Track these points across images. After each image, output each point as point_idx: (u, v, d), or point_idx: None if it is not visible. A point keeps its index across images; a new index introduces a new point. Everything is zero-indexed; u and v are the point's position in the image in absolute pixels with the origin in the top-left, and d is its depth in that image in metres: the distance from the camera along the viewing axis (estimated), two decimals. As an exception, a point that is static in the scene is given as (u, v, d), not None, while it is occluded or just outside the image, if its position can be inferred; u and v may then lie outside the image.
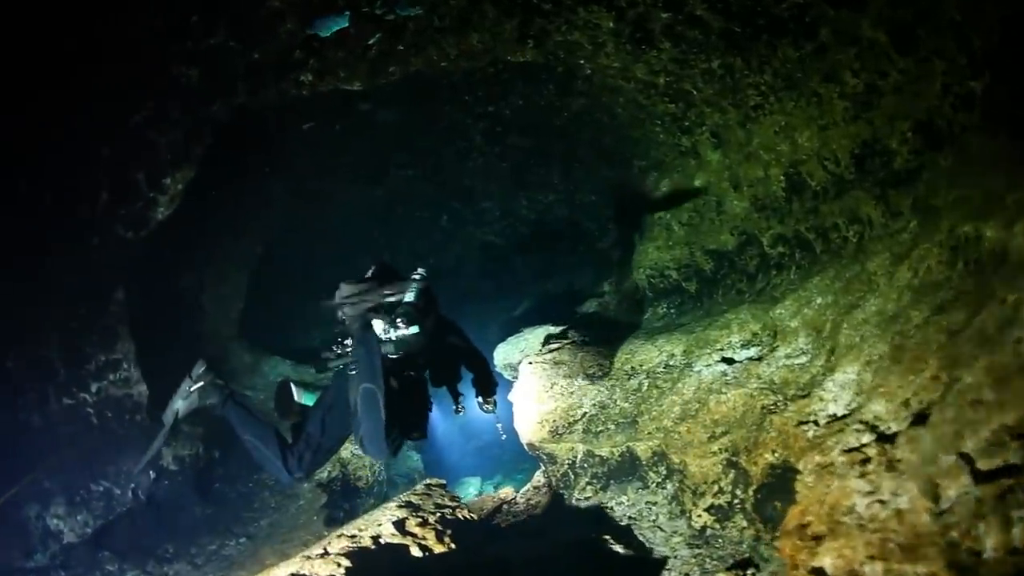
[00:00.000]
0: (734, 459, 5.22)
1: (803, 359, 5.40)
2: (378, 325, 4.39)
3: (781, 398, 5.19)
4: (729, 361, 6.02)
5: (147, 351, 7.91)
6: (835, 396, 4.64)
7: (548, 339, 8.96)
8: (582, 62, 7.02)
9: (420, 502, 5.98)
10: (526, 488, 8.50)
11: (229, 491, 8.26)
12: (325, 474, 8.42)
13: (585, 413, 6.94)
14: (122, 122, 6.47)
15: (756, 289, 6.84)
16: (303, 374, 10.45)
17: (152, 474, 7.62)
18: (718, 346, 6.28)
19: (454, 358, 5.13)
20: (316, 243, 11.55)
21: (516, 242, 11.95)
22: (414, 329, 4.35)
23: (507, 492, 8.31)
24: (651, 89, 7.01)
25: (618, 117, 8.06)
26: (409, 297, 4.46)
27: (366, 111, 9.24)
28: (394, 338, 4.36)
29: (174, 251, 8.67)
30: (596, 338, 8.46)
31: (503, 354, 9.56)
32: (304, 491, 8.14)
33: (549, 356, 8.32)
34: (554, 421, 7.05)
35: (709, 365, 6.13)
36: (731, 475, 5.23)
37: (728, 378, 5.75)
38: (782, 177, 6.43)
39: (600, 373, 7.36)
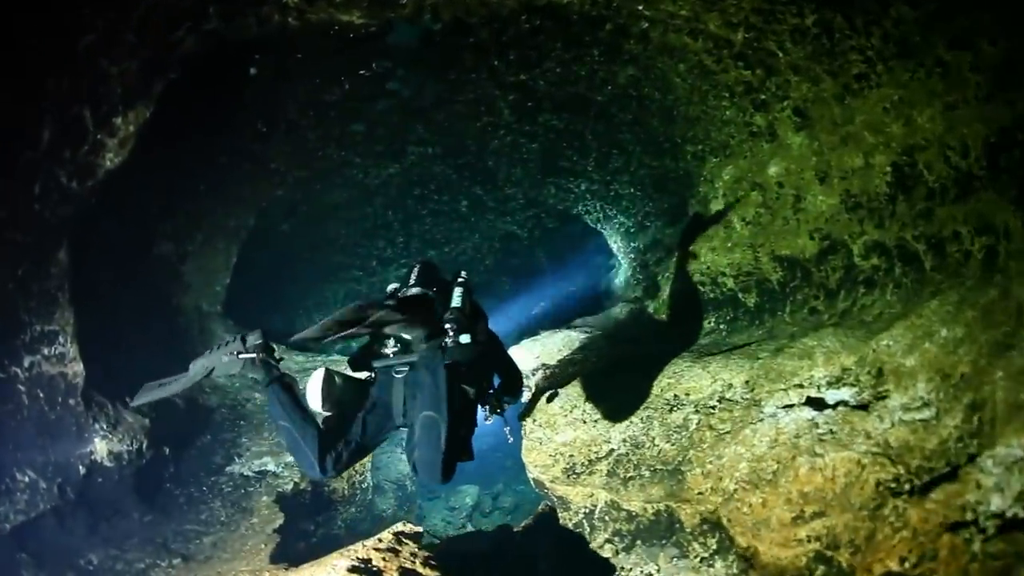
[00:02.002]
0: (828, 554, 3.48)
1: (927, 413, 3.67)
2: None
3: (903, 471, 3.47)
4: (818, 405, 4.25)
5: (95, 324, 6.36)
6: (999, 482, 2.93)
7: (569, 346, 7.27)
8: (640, 7, 5.28)
9: (382, 564, 4.20)
10: (527, 522, 6.83)
11: (178, 494, 6.63)
12: (290, 485, 6.78)
13: (612, 450, 5.22)
14: (70, 45, 4.93)
15: (838, 310, 5.09)
16: (289, 361, 8.82)
17: (82, 470, 6.12)
18: (796, 381, 4.51)
19: (493, 369, 4.57)
20: (324, 221, 10.02)
21: (540, 235, 10.25)
22: (465, 338, 3.87)
23: (504, 528, 6.59)
24: (723, 49, 5.27)
25: (674, 89, 6.31)
26: (456, 302, 4.05)
27: (380, 72, 7.67)
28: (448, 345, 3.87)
29: (146, 213, 7.11)
30: (628, 352, 6.74)
31: (515, 358, 7.84)
32: (261, 505, 6.50)
33: (570, 369, 6.62)
34: (571, 457, 5.35)
35: (788, 408, 4.36)
36: (820, 572, 3.51)
37: (821, 431, 3.97)
38: (889, 168, 4.68)
39: (633, 398, 5.62)
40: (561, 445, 5.48)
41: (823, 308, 5.26)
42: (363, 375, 4.22)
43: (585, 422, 5.59)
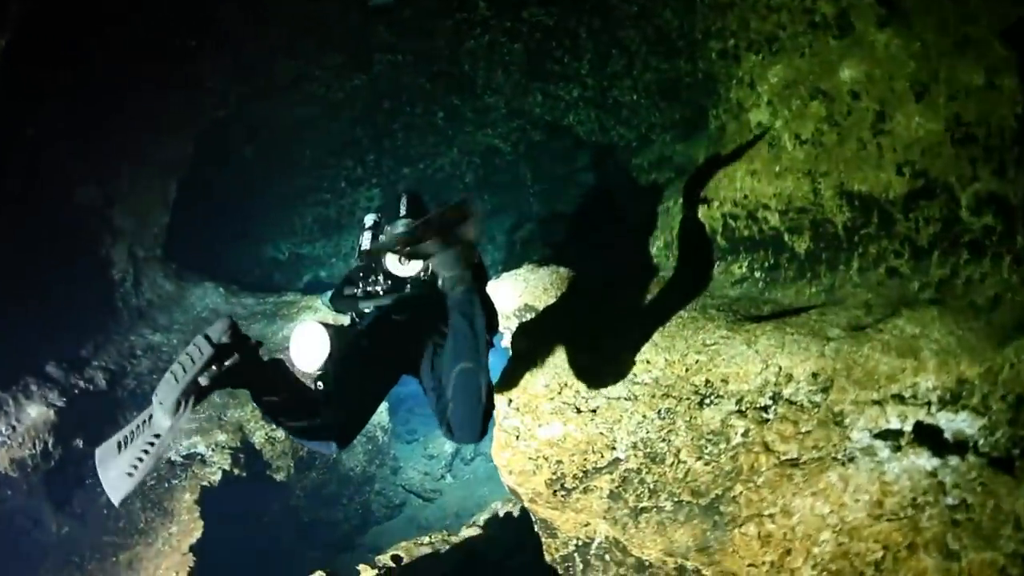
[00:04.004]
0: None
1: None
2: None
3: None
4: (936, 443, 2.71)
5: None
6: None
7: (558, 286, 5.65)
8: None
9: None
10: (493, 511, 5.48)
11: (99, 493, 5.27)
12: (219, 475, 5.42)
13: (617, 460, 3.67)
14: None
15: (932, 279, 3.46)
16: (237, 305, 7.28)
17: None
18: (894, 389, 2.97)
19: None
20: (284, 142, 8.38)
21: (525, 149, 8.52)
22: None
23: (472, 544, 5.14)
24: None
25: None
26: None
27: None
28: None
29: (56, 156, 5.46)
30: (633, 301, 5.14)
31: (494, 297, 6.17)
32: (182, 505, 5.16)
33: (559, 318, 5.00)
34: (559, 464, 3.80)
35: (893, 441, 2.76)
36: None
37: (953, 504, 2.44)
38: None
39: (646, 376, 4.08)
40: (545, 444, 3.91)
41: (908, 271, 3.65)
42: (346, 319, 3.60)
43: (579, 411, 4.00)
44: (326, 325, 3.29)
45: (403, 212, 3.55)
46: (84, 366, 5.60)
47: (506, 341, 5.14)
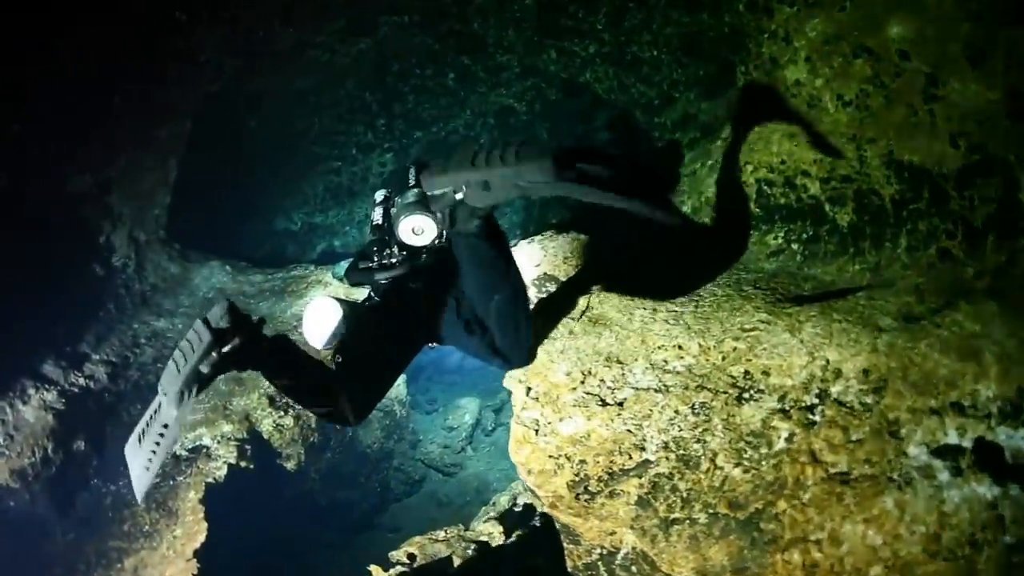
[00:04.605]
0: None
1: None
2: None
3: None
4: (997, 465, 2.41)
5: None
6: None
7: (578, 254, 5.35)
8: None
9: None
10: (512, 496, 5.30)
11: (104, 493, 5.21)
12: (224, 469, 5.28)
13: (647, 463, 3.43)
14: None
15: (988, 265, 3.12)
16: (244, 283, 7.08)
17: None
18: (953, 396, 2.68)
19: None
20: (290, 111, 8.12)
21: (541, 108, 8.14)
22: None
23: (484, 530, 4.97)
24: None
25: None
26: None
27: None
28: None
29: (41, 149, 5.22)
30: (662, 274, 4.82)
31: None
32: (186, 505, 5.03)
33: (582, 290, 4.69)
34: (582, 464, 3.52)
35: (952, 461, 2.48)
36: None
37: (1010, 543, 2.19)
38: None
39: (679, 364, 3.79)
40: (567, 441, 3.62)
41: (962, 255, 3.30)
42: (362, 293, 3.59)
43: (605, 403, 3.71)
44: (339, 300, 3.31)
45: (412, 182, 3.42)
46: (84, 361, 5.43)
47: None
